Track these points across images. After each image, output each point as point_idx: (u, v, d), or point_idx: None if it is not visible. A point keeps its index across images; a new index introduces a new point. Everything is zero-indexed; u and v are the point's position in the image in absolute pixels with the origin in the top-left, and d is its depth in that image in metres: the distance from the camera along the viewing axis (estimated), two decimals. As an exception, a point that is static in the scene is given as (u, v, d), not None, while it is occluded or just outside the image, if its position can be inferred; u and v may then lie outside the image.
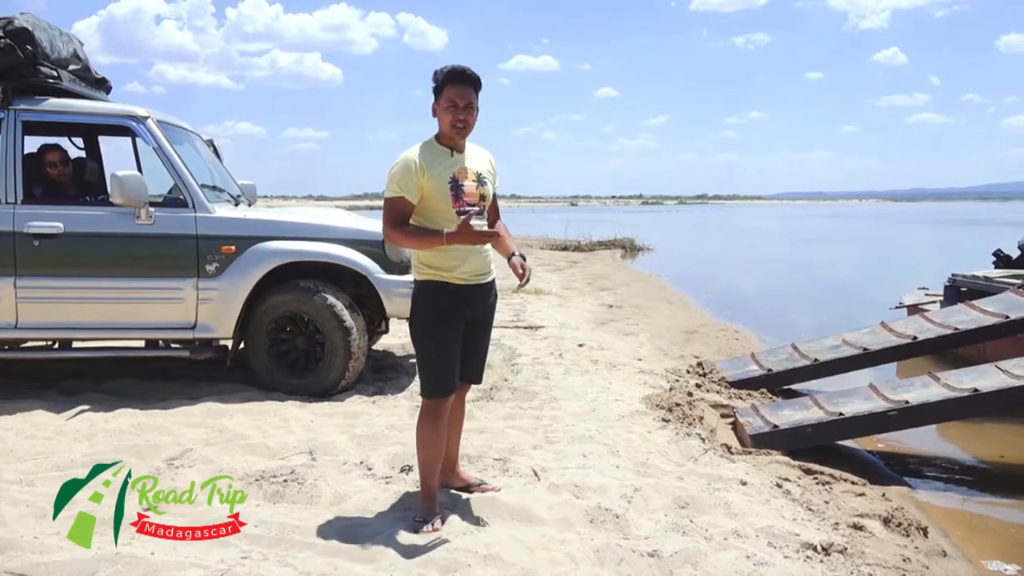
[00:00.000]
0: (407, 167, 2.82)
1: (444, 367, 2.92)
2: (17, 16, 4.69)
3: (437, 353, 2.91)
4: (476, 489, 3.24)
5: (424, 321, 2.93)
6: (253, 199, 5.97)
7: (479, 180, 2.94)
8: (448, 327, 2.90)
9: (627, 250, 21.47)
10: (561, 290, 11.43)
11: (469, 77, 2.85)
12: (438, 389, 2.93)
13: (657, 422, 4.47)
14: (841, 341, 5.90)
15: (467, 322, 2.96)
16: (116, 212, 4.60)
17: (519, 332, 7.41)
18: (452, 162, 2.89)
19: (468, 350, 3.01)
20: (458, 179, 2.89)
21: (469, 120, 2.86)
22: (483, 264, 2.97)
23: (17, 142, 4.62)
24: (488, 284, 3.03)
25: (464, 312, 2.93)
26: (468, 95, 2.85)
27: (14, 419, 4.20)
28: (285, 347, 4.93)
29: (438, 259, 2.89)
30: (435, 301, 2.91)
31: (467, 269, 2.91)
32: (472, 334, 3.01)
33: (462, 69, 2.85)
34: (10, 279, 4.53)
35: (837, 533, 3.19)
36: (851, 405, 4.53)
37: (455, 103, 2.82)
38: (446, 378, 2.93)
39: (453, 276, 2.89)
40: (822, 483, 3.87)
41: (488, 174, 3.00)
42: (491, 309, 3.12)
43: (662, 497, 3.32)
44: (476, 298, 2.97)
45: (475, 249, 2.89)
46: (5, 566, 2.50)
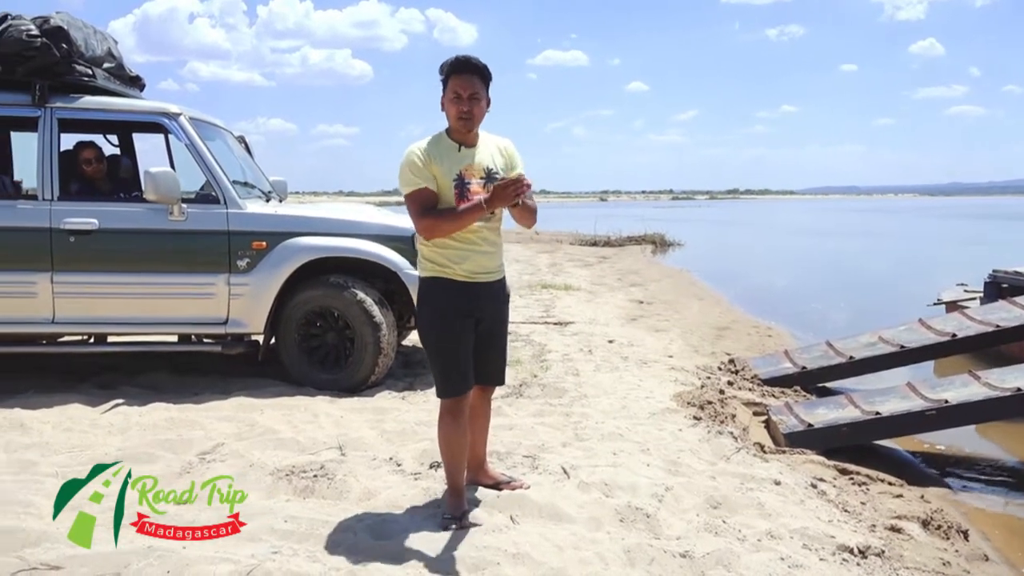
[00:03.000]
0: (412, 158, 2.76)
1: (453, 365, 2.85)
2: (53, 15, 4.75)
3: (444, 351, 2.85)
4: (505, 487, 3.19)
5: (429, 318, 2.87)
6: (284, 195, 6.01)
7: (488, 176, 2.82)
8: (454, 324, 2.83)
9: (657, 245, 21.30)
10: (591, 286, 11.38)
11: (474, 66, 2.76)
12: (450, 388, 2.88)
13: (688, 420, 4.41)
14: (877, 338, 5.78)
15: (477, 321, 2.88)
16: (149, 208, 4.65)
17: (548, 328, 7.37)
18: (459, 158, 2.80)
19: (482, 351, 2.94)
20: (464, 177, 2.79)
21: (475, 111, 2.76)
22: (489, 262, 2.88)
23: (53, 140, 4.68)
24: (497, 283, 2.94)
25: (470, 310, 2.84)
26: (473, 85, 2.75)
27: (51, 412, 4.26)
28: (315, 342, 4.94)
29: (441, 255, 2.82)
30: (439, 298, 2.84)
31: (470, 267, 2.82)
32: (484, 334, 2.92)
33: (466, 58, 2.76)
34: (47, 274, 4.60)
35: (874, 535, 3.12)
36: (888, 404, 4.43)
37: (459, 94, 2.74)
38: (457, 376, 2.86)
39: (455, 273, 2.81)
40: (858, 484, 3.80)
41: (500, 167, 2.87)
42: (502, 308, 3.02)
43: (694, 496, 3.27)
44: (483, 296, 2.87)
45: (479, 248, 2.82)
46: (40, 558, 2.52)
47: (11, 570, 2.48)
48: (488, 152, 2.87)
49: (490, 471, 3.28)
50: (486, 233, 2.85)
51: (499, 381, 3.15)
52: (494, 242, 2.89)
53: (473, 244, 2.81)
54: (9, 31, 4.63)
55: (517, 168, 2.91)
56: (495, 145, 2.92)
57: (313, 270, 4.81)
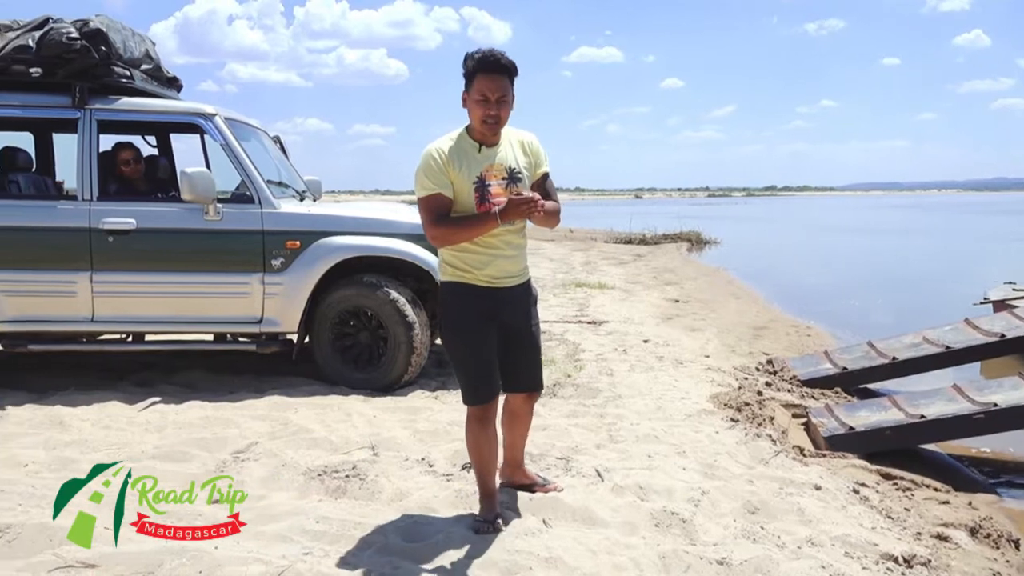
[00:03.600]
0: (428, 161, 2.65)
1: (477, 372, 2.78)
2: (92, 18, 4.83)
3: (467, 357, 2.78)
4: (539, 489, 3.15)
5: (451, 324, 2.80)
6: (318, 194, 6.04)
7: (511, 177, 2.71)
8: (477, 331, 2.75)
9: (693, 243, 21.04)
10: (625, 284, 11.28)
11: (503, 66, 2.61)
12: (474, 395, 2.81)
13: (725, 422, 4.32)
14: (921, 339, 5.63)
15: (502, 326, 2.79)
16: (185, 208, 4.69)
17: (582, 327, 7.31)
18: (480, 159, 2.69)
19: (514, 357, 2.86)
20: (485, 179, 2.68)
21: (502, 115, 2.64)
22: (512, 266, 2.78)
23: (93, 141, 4.75)
24: (520, 287, 2.84)
25: (493, 314, 2.76)
26: (502, 86, 2.61)
27: (91, 409, 4.33)
28: (349, 341, 4.95)
29: (461, 260, 2.72)
30: (460, 304, 2.76)
31: (492, 272, 2.73)
32: (512, 339, 2.84)
33: (496, 57, 2.61)
34: (87, 274, 4.67)
35: (919, 544, 3.01)
36: (933, 407, 4.30)
37: (487, 96, 2.60)
38: (481, 384, 2.80)
39: (477, 278, 2.73)
40: (902, 489, 3.69)
41: (524, 166, 2.76)
42: (528, 312, 2.89)
43: (731, 501, 3.19)
44: (506, 301, 2.78)
45: (502, 252, 2.73)
46: (76, 556, 2.55)
47: (48, 567, 2.50)
48: (510, 150, 2.76)
49: (527, 472, 3.23)
50: (509, 237, 2.75)
51: (535, 387, 3.00)
52: (518, 245, 2.79)
53: (495, 248, 2.72)
54: (50, 34, 4.70)
55: (542, 166, 2.82)
56: (518, 141, 2.80)
57: (346, 269, 4.82)
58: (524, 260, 2.86)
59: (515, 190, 2.69)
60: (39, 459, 3.54)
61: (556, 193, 2.91)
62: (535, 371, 2.98)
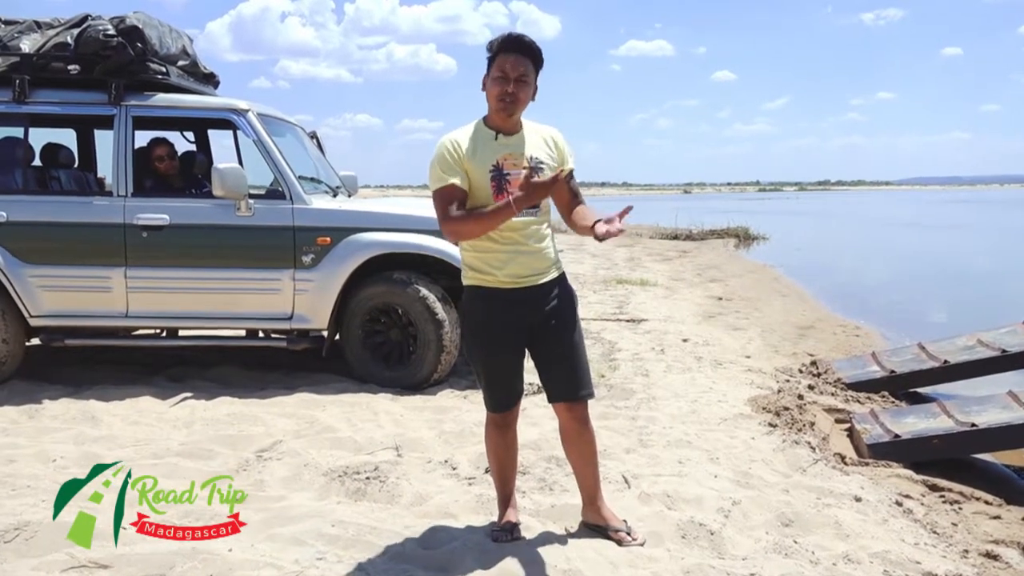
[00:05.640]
0: (442, 151, 2.51)
1: (496, 380, 2.66)
2: (129, 15, 4.85)
3: (485, 364, 2.65)
4: (613, 535, 2.73)
5: (470, 331, 2.66)
6: (354, 190, 6.02)
7: (534, 167, 2.50)
8: (496, 338, 2.59)
9: (741, 239, 20.62)
10: (668, 281, 11.07)
11: (526, 46, 2.46)
12: (492, 402, 2.69)
13: (763, 427, 4.16)
14: (976, 341, 5.35)
15: (530, 329, 2.62)
16: (218, 204, 4.70)
17: (620, 325, 7.17)
18: (496, 147, 2.52)
19: (547, 363, 2.65)
20: (502, 167, 2.50)
21: (520, 95, 2.46)
22: (537, 262, 2.58)
23: (128, 137, 4.78)
24: (549, 284, 2.62)
25: (516, 319, 2.58)
26: (523, 64, 2.46)
27: (122, 404, 4.36)
28: (379, 339, 4.91)
29: (480, 260, 2.56)
30: (480, 310, 2.60)
31: (515, 270, 2.54)
32: (542, 344, 2.63)
33: (518, 36, 2.47)
34: (121, 269, 4.71)
35: (966, 562, 2.83)
36: (986, 415, 4.06)
37: (506, 73, 2.45)
38: (498, 391, 2.67)
39: (498, 279, 2.55)
40: (950, 502, 3.48)
41: (548, 158, 2.58)
42: (561, 312, 2.63)
43: (764, 512, 3.05)
44: (533, 302, 2.58)
45: (524, 247, 2.55)
46: (90, 556, 2.53)
47: (61, 567, 2.50)
48: (534, 142, 2.58)
49: (602, 511, 2.79)
50: (532, 230, 2.56)
51: (572, 397, 2.66)
52: (542, 237, 2.60)
53: (516, 244, 2.54)
54: (88, 32, 4.76)
55: (568, 163, 2.64)
56: (540, 136, 2.62)
57: (377, 266, 4.77)
58: (552, 254, 2.65)
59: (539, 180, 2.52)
60: (68, 454, 3.56)
61: (581, 193, 2.75)
62: (572, 379, 2.65)
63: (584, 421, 2.72)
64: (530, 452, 3.58)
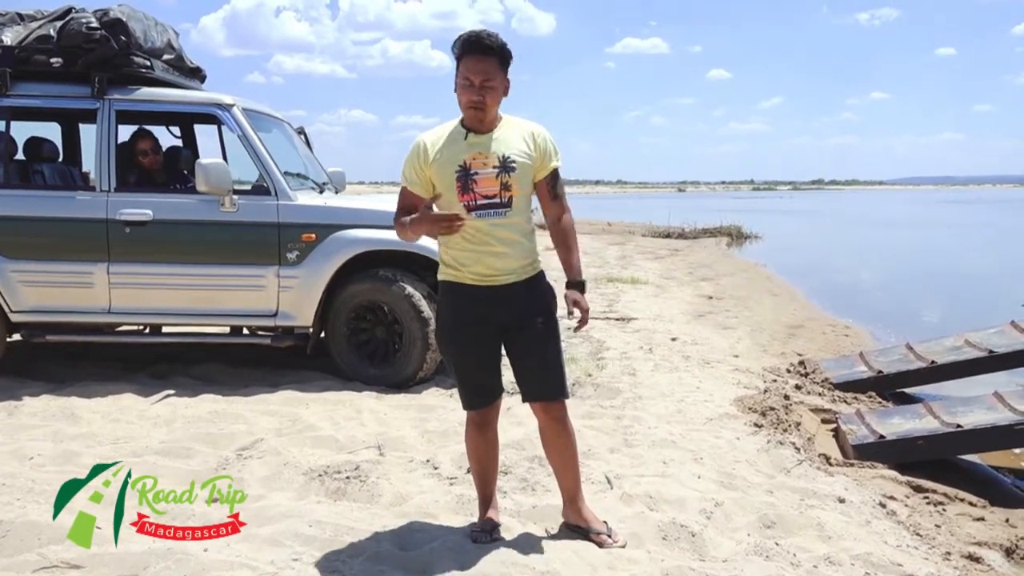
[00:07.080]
0: (410, 154, 2.56)
1: (466, 376, 2.65)
2: (113, 8, 4.80)
3: (455, 360, 2.65)
4: (595, 537, 2.70)
5: (441, 326, 2.68)
6: (341, 186, 5.97)
7: (504, 166, 2.48)
8: (466, 334, 2.59)
9: (733, 238, 20.62)
10: (659, 279, 11.06)
11: (487, 46, 2.42)
12: (464, 399, 2.70)
13: (748, 427, 4.14)
14: (963, 341, 5.35)
15: (501, 328, 2.59)
16: (201, 200, 4.65)
17: (609, 324, 7.15)
18: (465, 146, 2.50)
19: (517, 362, 2.63)
20: (469, 167, 2.48)
21: (487, 100, 2.45)
22: (502, 263, 2.54)
23: (111, 131, 4.73)
24: (517, 284, 2.57)
25: (486, 317, 2.56)
26: (485, 69, 2.43)
27: (104, 401, 4.32)
28: (364, 336, 4.88)
29: (451, 256, 2.58)
30: (451, 304, 2.62)
31: (480, 269, 2.53)
32: (514, 342, 2.61)
33: (478, 36, 2.44)
34: (104, 264, 4.66)
35: (948, 564, 2.81)
36: (971, 415, 4.05)
37: (470, 80, 2.43)
38: (470, 388, 2.66)
39: (465, 276, 2.56)
40: (934, 503, 3.46)
41: (524, 157, 2.53)
42: (532, 312, 2.60)
43: (746, 514, 3.03)
44: (501, 301, 2.56)
45: (490, 249, 2.52)
46: (61, 556, 2.50)
47: (32, 567, 2.46)
48: (509, 139, 2.54)
49: (583, 512, 2.76)
50: (501, 233, 2.52)
51: (543, 397, 2.63)
52: (512, 242, 2.54)
53: (483, 244, 2.52)
54: (70, 24, 4.70)
55: (551, 162, 2.60)
56: (520, 132, 2.56)
57: (363, 263, 4.73)
58: (525, 257, 2.61)
59: (509, 179, 2.51)
60: (45, 452, 3.52)
61: (565, 195, 2.71)
62: (544, 379, 2.63)
63: (562, 421, 2.69)
64: (513, 452, 3.55)
